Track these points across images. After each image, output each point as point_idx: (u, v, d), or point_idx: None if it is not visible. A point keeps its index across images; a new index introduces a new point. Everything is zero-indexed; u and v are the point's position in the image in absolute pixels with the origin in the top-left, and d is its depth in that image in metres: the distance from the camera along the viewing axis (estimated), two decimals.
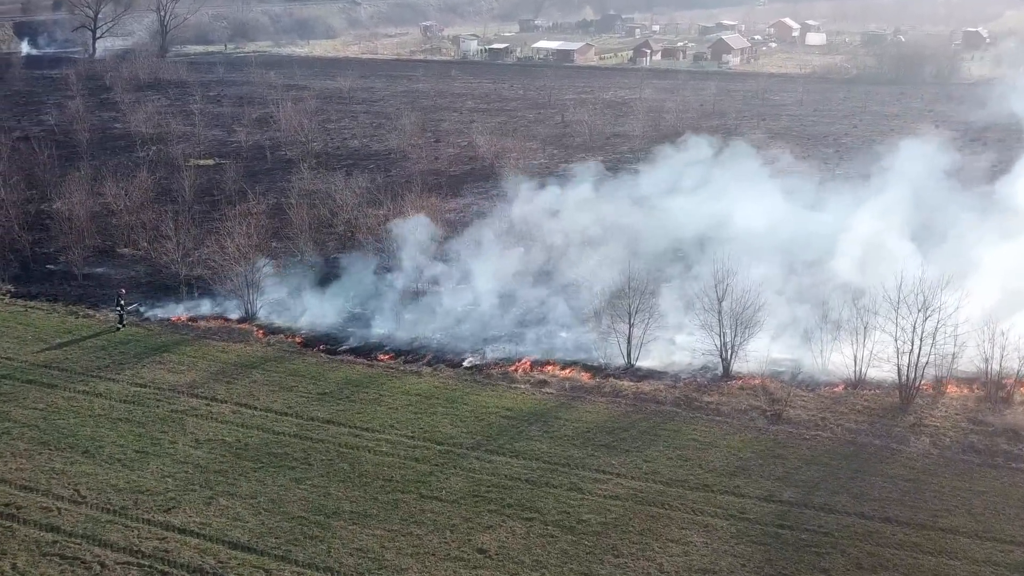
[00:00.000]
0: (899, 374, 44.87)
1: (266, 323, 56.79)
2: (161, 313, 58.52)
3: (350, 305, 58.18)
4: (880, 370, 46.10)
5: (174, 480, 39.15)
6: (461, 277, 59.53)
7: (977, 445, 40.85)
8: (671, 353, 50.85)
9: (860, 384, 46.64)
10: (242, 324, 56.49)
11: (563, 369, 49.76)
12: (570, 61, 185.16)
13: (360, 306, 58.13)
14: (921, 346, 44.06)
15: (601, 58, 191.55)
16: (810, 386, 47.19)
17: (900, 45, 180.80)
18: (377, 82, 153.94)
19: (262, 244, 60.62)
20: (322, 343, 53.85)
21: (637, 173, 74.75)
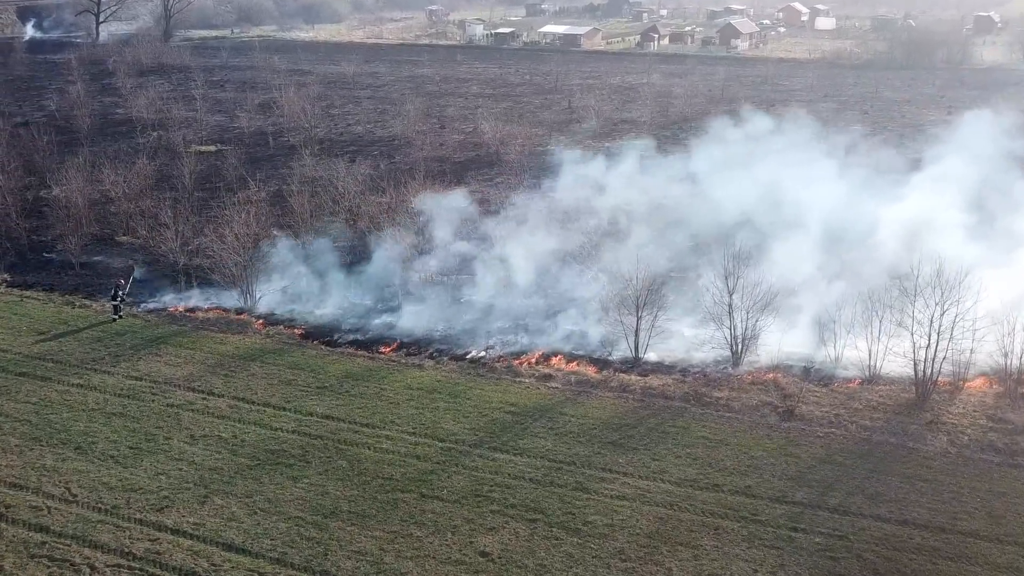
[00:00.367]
0: (915, 369, 43.52)
1: (266, 313, 55.60)
2: (158, 303, 57.45)
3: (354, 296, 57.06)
4: (895, 364, 44.77)
5: (168, 478, 38.03)
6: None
7: (996, 444, 39.52)
8: (680, 346, 49.49)
9: (875, 379, 45.32)
10: (241, 315, 55.31)
11: (569, 363, 48.50)
12: (577, 46, 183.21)
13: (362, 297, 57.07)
14: (938, 341, 42.69)
15: (608, 43, 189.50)
16: (823, 381, 45.91)
17: (910, 30, 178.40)
18: (382, 67, 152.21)
19: (262, 233, 59.30)
20: (321, 335, 52.72)
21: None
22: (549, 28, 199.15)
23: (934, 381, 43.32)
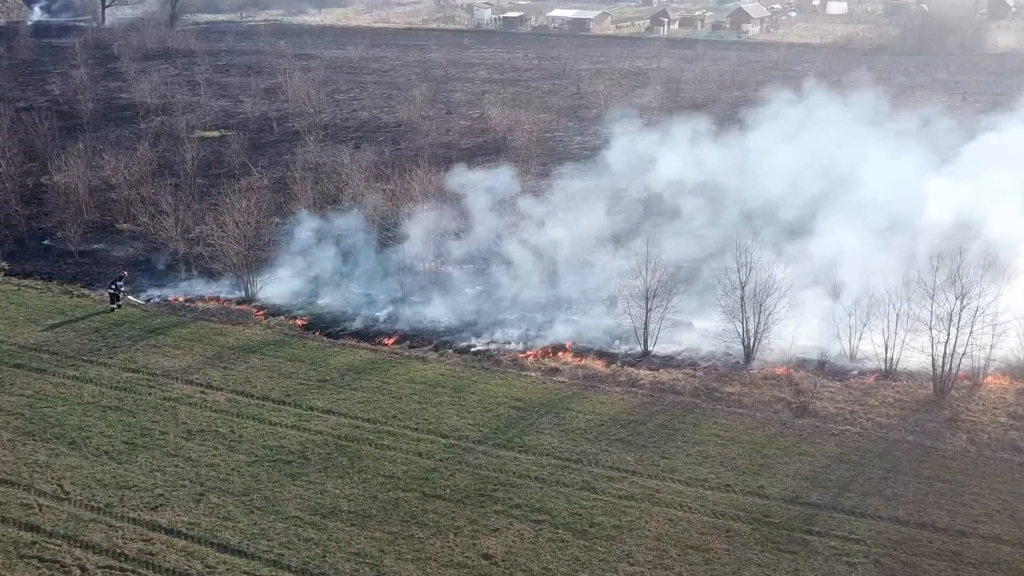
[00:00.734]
0: (933, 365, 42.19)
1: (267, 304, 54.46)
2: (158, 293, 56.38)
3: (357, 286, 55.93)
4: (912, 360, 43.45)
5: (163, 475, 36.99)
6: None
7: (1018, 442, 38.22)
8: (691, 339, 48.21)
9: (891, 374, 44.00)
10: (241, 305, 54.21)
11: (576, 356, 47.26)
12: (586, 30, 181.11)
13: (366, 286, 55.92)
14: (958, 335, 41.32)
15: (618, 27, 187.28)
16: (837, 376, 44.59)
17: (923, 15, 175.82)
18: (389, 51, 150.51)
19: (263, 221, 58.08)
20: (324, 325, 51.64)
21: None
22: (558, 12, 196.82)
23: (953, 377, 42.00)
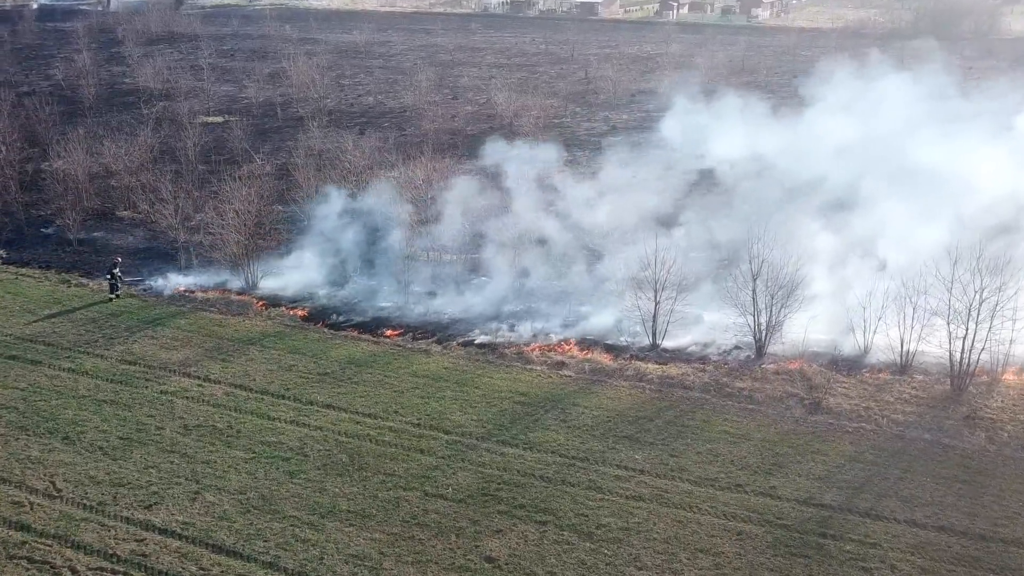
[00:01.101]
0: (951, 360, 40.99)
1: (268, 295, 53.42)
2: (158, 283, 55.40)
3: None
4: (928, 355, 42.23)
5: (158, 472, 35.99)
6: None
7: None
8: (701, 332, 47.07)
9: (906, 369, 42.80)
10: (242, 296, 53.20)
11: (582, 350, 46.14)
12: (594, 14, 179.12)
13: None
14: (976, 330, 40.09)
15: (626, 11, 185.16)
16: (851, 370, 43.42)
17: None
18: (394, 36, 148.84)
19: (264, 209, 56.97)
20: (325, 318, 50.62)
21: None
22: None
23: (971, 373, 40.79)
